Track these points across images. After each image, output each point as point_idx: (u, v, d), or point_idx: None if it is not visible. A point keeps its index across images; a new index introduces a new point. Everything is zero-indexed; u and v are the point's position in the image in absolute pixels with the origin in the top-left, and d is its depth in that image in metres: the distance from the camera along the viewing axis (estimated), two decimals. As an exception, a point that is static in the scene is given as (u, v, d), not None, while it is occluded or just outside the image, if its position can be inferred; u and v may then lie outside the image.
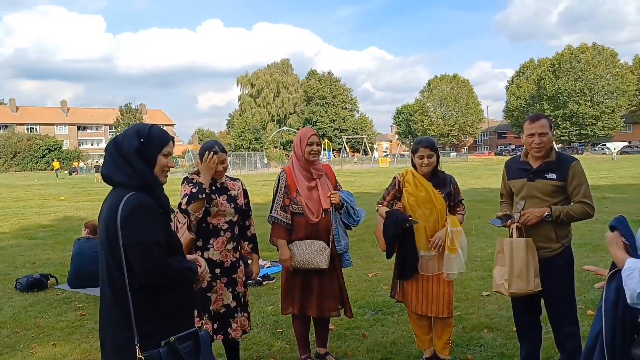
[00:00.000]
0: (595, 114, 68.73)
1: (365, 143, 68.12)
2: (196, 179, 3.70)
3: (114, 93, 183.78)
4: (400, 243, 3.99)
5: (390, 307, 5.47)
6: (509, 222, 3.58)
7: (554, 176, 3.50)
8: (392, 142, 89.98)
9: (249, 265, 4.01)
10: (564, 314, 3.58)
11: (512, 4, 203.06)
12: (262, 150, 61.86)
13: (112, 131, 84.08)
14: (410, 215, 3.94)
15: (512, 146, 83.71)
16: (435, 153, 3.97)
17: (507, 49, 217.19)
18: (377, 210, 4.18)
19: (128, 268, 2.21)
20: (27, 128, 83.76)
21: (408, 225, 3.89)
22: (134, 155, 2.30)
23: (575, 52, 70.52)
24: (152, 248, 2.22)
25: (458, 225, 3.92)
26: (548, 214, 3.43)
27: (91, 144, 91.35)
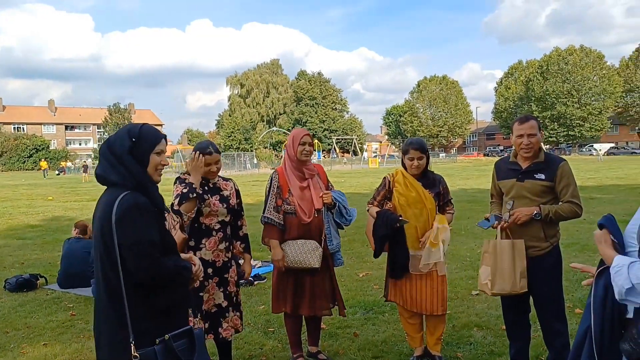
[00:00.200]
0: (582, 116, 69.40)
1: (355, 144, 68.25)
2: (188, 179, 3.72)
3: (103, 92, 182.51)
4: (391, 243, 4.04)
5: (381, 307, 5.51)
6: (496, 224, 3.62)
7: (543, 176, 3.55)
8: (382, 143, 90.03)
9: (241, 265, 4.03)
10: (553, 312, 3.63)
11: (501, 6, 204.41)
12: (252, 150, 61.80)
13: (100, 131, 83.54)
14: (400, 215, 3.99)
15: (501, 147, 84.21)
16: (425, 155, 4.01)
17: (496, 51, 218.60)
18: (368, 210, 4.22)
19: (123, 267, 2.22)
20: (14, 127, 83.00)
21: (398, 225, 3.94)
22: (127, 155, 2.32)
23: (563, 54, 71.19)
24: (147, 247, 2.23)
25: (445, 222, 3.97)
26: (537, 213, 3.48)
27: (79, 144, 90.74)
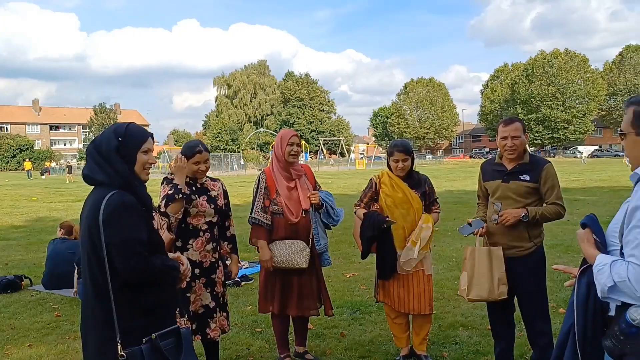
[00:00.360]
0: (567, 118, 70.14)
1: (342, 145, 68.29)
2: (175, 180, 3.71)
3: (88, 92, 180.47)
4: (379, 243, 4.06)
5: (368, 307, 5.53)
6: (476, 232, 3.70)
7: (528, 177, 3.60)
8: (369, 144, 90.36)
9: (228, 265, 4.02)
10: (537, 312, 3.68)
11: (487, 9, 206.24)
12: (239, 151, 61.58)
13: (86, 131, 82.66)
14: (387, 216, 4.02)
15: (487, 149, 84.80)
16: (410, 156, 4.05)
17: (482, 54, 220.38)
18: (355, 212, 4.24)
19: (110, 266, 2.22)
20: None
21: (386, 225, 3.97)
22: (114, 154, 2.32)
23: (547, 58, 71.92)
24: (135, 246, 2.23)
25: (429, 222, 4.00)
26: (525, 215, 3.52)
27: (64, 144, 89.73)
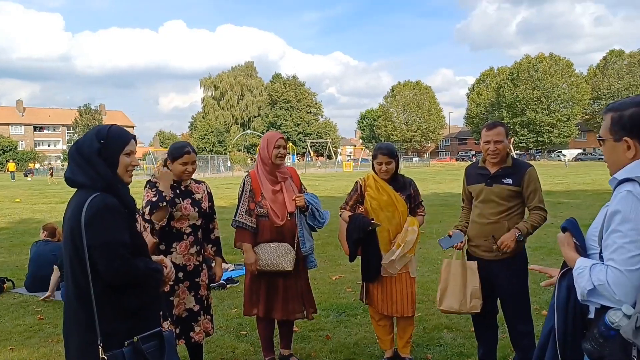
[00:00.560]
0: (551, 122, 70.80)
1: (329, 147, 68.36)
2: (159, 185, 3.68)
3: (73, 93, 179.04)
4: (364, 246, 4.08)
5: (353, 309, 5.54)
6: (456, 245, 3.80)
7: (510, 181, 3.64)
8: (356, 147, 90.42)
9: (212, 267, 4.00)
10: (519, 314, 3.71)
11: (473, 14, 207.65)
12: (226, 153, 61.39)
13: (70, 132, 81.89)
14: (372, 218, 4.03)
15: (473, 152, 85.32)
16: (393, 160, 4.07)
17: (469, 57, 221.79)
18: (340, 214, 4.26)
19: (92, 269, 2.21)
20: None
21: (371, 228, 3.99)
22: (95, 157, 2.31)
23: (533, 62, 72.55)
24: (118, 248, 2.22)
25: (415, 225, 4.03)
26: (519, 235, 3.55)
27: (48, 145, 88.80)
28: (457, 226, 3.98)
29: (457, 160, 77.98)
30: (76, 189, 2.37)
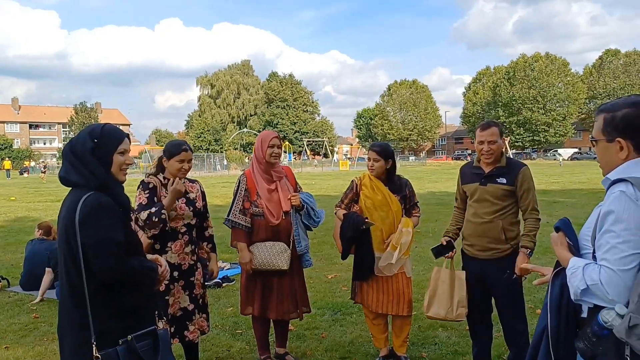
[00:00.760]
0: (547, 121, 71.00)
1: (326, 146, 68.33)
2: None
3: (68, 91, 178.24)
4: (357, 245, 4.09)
5: (349, 308, 5.55)
6: (447, 255, 3.86)
7: (505, 181, 3.65)
8: (353, 146, 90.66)
9: (208, 265, 3.99)
10: (513, 313, 3.73)
11: (470, 13, 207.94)
12: (222, 151, 61.30)
13: (66, 130, 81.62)
14: (366, 217, 4.04)
15: (469, 151, 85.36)
16: (382, 158, 4.08)
17: (465, 56, 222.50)
18: (336, 213, 4.27)
19: (86, 268, 2.20)
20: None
21: (364, 227, 4.00)
22: (89, 156, 2.30)
23: (529, 61, 72.72)
24: (112, 247, 2.22)
25: (409, 226, 4.04)
26: (530, 252, 3.60)
27: (43, 143, 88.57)
28: (449, 232, 4.01)
29: (454, 159, 78.11)
30: (71, 188, 2.37)
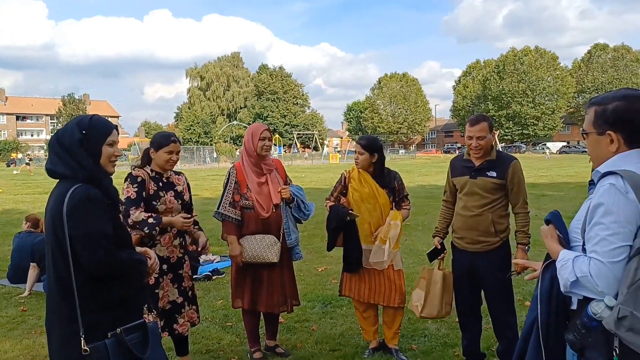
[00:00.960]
0: (536, 115, 71.39)
1: (316, 139, 68.30)
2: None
3: (56, 82, 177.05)
4: (344, 238, 4.11)
5: (338, 300, 5.55)
6: (441, 256, 3.94)
7: (495, 174, 3.66)
8: (343, 139, 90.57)
9: (198, 239, 3.90)
10: (503, 305, 3.75)
11: (460, 6, 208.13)
12: (212, 144, 61.07)
13: (54, 122, 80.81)
14: (351, 209, 4.05)
15: (459, 144, 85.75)
16: (366, 151, 4.09)
17: (455, 50, 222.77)
18: (326, 205, 4.27)
19: (74, 260, 2.18)
20: (-39, 117, 79.53)
21: (349, 218, 4.01)
22: (77, 147, 2.27)
23: (518, 55, 72.96)
24: (100, 239, 2.20)
25: (397, 219, 4.04)
26: (528, 248, 3.74)
27: (31, 135, 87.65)
28: (439, 231, 4.03)
29: (443, 152, 78.35)
30: (58, 180, 2.34)
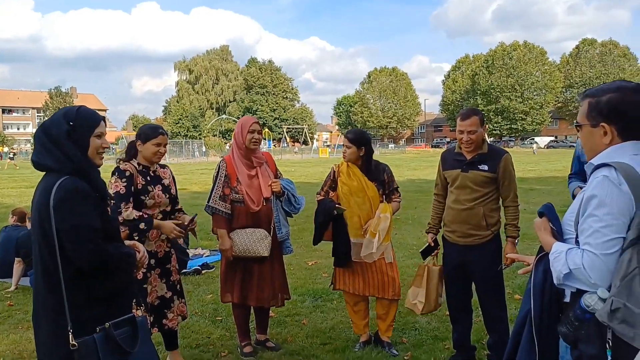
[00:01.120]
0: (524, 109, 71.79)
1: (305, 133, 68.27)
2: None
3: (43, 75, 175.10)
4: (333, 232, 4.10)
5: (329, 294, 5.54)
6: (434, 253, 3.99)
7: (486, 167, 3.66)
8: (333, 133, 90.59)
9: (184, 222, 3.79)
10: (493, 299, 3.76)
11: (450, 1, 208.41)
12: (201, 138, 60.82)
13: (40, 115, 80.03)
14: (339, 203, 4.04)
15: (448, 139, 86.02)
16: (353, 145, 4.08)
17: (445, 44, 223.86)
18: (317, 199, 4.25)
19: (61, 254, 2.14)
20: (-54, 110, 78.49)
21: (336, 212, 4.00)
22: (64, 139, 2.22)
23: (507, 49, 73.26)
24: (87, 232, 2.16)
25: (387, 212, 4.01)
26: (517, 241, 3.80)
27: (17, 128, 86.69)
28: (432, 227, 4.02)
29: (433, 147, 78.64)
30: (44, 173, 2.29)
